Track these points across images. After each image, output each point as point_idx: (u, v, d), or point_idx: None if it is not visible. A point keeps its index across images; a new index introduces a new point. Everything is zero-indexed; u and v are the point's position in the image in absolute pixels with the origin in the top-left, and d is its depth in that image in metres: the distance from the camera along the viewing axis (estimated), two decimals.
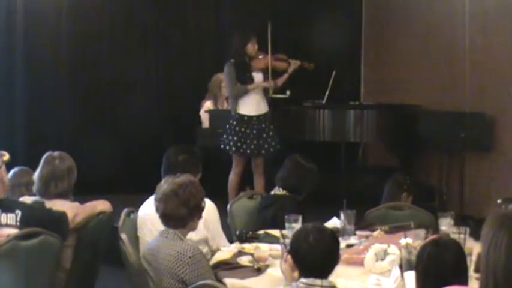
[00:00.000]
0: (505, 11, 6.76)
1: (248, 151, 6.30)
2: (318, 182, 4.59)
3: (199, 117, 7.44)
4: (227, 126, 6.38)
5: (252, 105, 6.31)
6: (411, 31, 7.90)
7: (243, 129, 6.29)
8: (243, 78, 6.28)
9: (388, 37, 8.25)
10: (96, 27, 7.89)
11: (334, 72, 6.90)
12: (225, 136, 6.37)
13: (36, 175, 3.90)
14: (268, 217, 4.27)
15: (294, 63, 6.47)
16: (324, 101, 7.00)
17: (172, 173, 3.67)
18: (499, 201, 3.33)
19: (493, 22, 6.88)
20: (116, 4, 8.03)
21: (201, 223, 3.73)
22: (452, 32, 7.31)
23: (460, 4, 7.17)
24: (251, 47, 6.28)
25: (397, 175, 4.85)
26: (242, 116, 6.30)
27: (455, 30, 7.26)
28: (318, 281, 2.74)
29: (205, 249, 3.79)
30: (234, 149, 6.30)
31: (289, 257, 2.92)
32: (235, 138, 6.29)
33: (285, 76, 6.48)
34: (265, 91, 6.39)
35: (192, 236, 3.68)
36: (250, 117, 6.30)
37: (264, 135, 6.31)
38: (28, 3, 7.52)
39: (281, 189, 4.48)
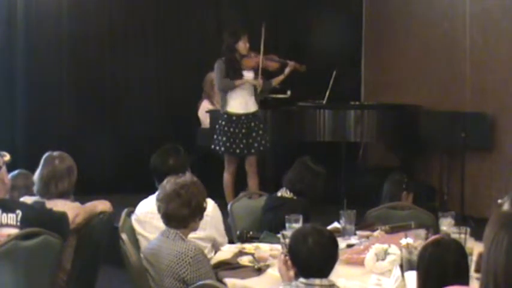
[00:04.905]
0: (505, 11, 6.76)
1: (237, 151, 6.28)
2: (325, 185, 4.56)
3: (198, 117, 7.45)
4: (216, 126, 6.37)
5: (240, 104, 6.28)
6: (411, 31, 7.89)
7: (231, 129, 6.28)
8: (233, 75, 6.26)
9: (388, 37, 8.25)
10: (96, 27, 7.89)
11: (334, 72, 6.90)
12: (215, 136, 6.37)
13: (36, 175, 3.89)
14: (276, 219, 4.11)
15: (290, 66, 6.44)
16: (324, 101, 7.00)
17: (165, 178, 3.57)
18: (499, 201, 3.33)
19: (494, 22, 6.88)
20: (115, 4, 8.03)
21: (206, 221, 3.73)
22: (453, 32, 7.31)
23: (460, 4, 7.18)
24: (242, 45, 6.27)
25: (395, 174, 4.82)
26: (230, 116, 6.28)
27: (456, 30, 7.26)
28: (317, 281, 2.75)
29: (208, 245, 3.80)
30: (223, 149, 6.30)
31: (282, 256, 2.93)
32: (224, 138, 6.28)
33: (281, 77, 6.48)
34: (256, 90, 6.37)
35: (200, 233, 3.70)
36: (238, 117, 6.27)
37: (254, 134, 6.30)
38: (29, 3, 7.52)
39: (288, 191, 4.41)
